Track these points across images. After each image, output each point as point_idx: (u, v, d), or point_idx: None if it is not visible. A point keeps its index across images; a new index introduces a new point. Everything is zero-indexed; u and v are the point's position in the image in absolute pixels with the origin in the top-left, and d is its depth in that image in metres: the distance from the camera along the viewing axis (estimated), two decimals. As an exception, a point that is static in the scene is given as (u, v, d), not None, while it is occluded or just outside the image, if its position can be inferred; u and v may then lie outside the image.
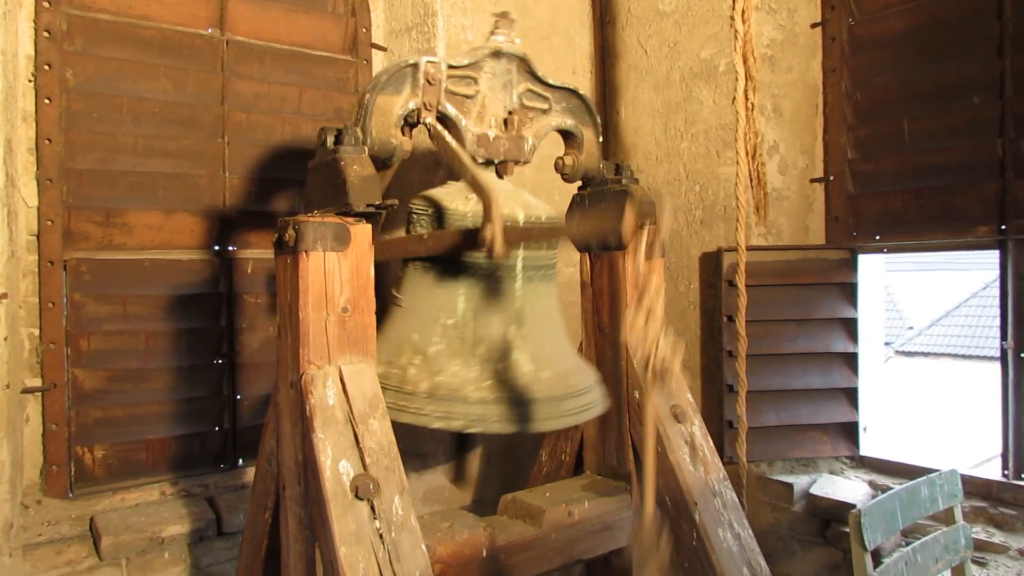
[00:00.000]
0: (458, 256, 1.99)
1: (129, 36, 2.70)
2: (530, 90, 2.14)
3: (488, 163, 2.08)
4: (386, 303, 2.04)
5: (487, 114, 2.07)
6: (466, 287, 2.03)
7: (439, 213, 2.05)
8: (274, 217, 2.53)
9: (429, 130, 1.93)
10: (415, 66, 1.90)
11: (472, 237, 1.84)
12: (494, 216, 1.76)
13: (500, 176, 2.13)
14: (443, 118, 1.98)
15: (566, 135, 2.25)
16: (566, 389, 2.05)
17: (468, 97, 2.03)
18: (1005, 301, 2.74)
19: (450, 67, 1.97)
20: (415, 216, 2.09)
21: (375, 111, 1.82)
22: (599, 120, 2.30)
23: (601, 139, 2.32)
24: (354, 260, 1.66)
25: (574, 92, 2.24)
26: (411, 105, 1.89)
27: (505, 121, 2.09)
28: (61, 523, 2.46)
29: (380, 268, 1.88)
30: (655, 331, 1.30)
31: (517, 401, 1.93)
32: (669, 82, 3.48)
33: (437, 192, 2.10)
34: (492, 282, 2.03)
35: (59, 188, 2.56)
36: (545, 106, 2.18)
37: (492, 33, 2.09)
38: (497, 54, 2.06)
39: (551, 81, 2.18)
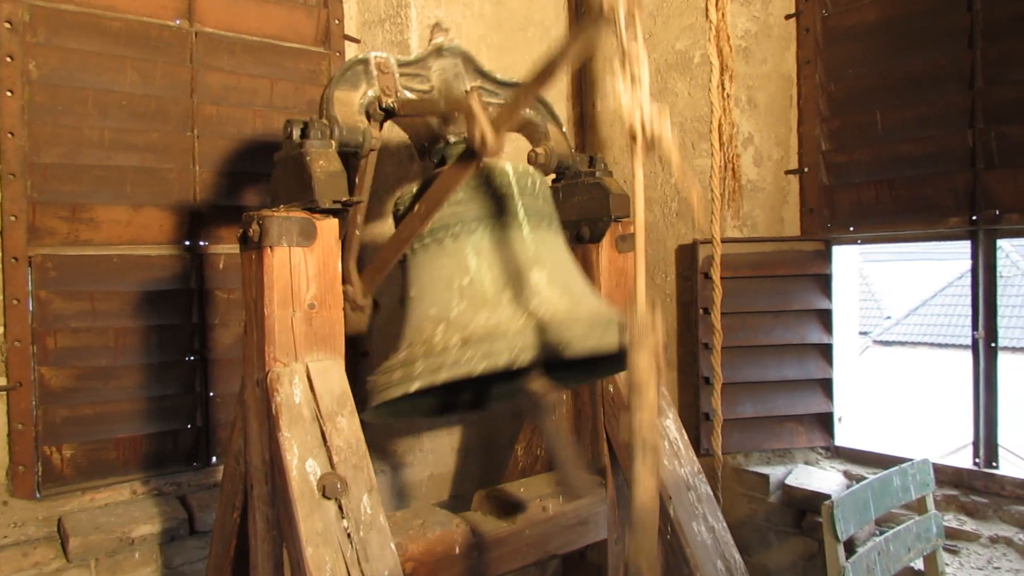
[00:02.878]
0: (457, 204, 1.86)
1: (94, 27, 2.64)
2: (482, 87, 2.16)
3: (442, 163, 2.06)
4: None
5: None
6: (473, 245, 1.86)
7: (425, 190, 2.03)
8: (246, 211, 2.49)
9: (395, 109, 1.94)
10: (365, 61, 1.95)
11: (463, 161, 1.70)
12: (476, 111, 1.62)
13: None
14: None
15: (530, 129, 2.23)
16: (610, 316, 1.83)
17: (425, 92, 2.05)
18: (976, 291, 2.76)
19: (400, 63, 2.01)
20: (400, 207, 2.04)
21: (336, 102, 1.82)
22: (553, 108, 2.32)
23: (564, 128, 2.31)
24: (321, 255, 1.63)
25: (515, 85, 2.23)
26: (370, 94, 1.91)
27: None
28: (28, 524, 2.41)
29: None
30: (640, 98, 1.19)
31: (561, 325, 1.70)
32: (644, 74, 3.45)
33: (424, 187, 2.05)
34: (499, 232, 1.87)
35: (23, 183, 2.51)
36: (500, 101, 2.19)
37: (430, 40, 2.14)
38: (439, 51, 2.10)
39: (499, 76, 2.21)
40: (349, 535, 1.48)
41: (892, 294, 20.00)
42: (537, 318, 1.69)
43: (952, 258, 17.86)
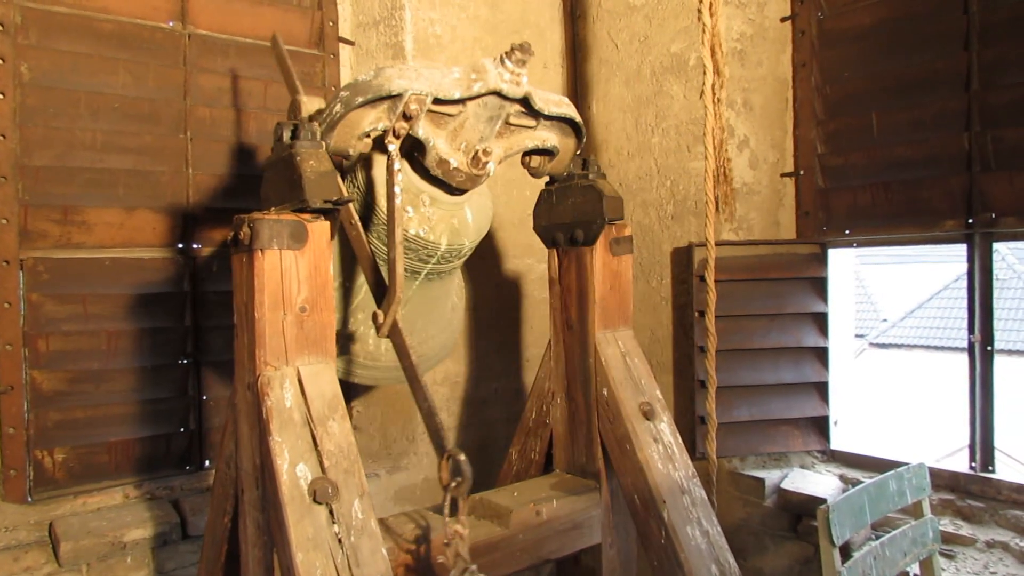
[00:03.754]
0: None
1: (86, 29, 2.64)
2: (522, 111, 1.98)
3: (436, 180, 1.99)
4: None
5: (460, 138, 1.90)
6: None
7: (370, 205, 2.03)
8: (240, 214, 2.48)
9: (387, 158, 1.79)
10: (397, 98, 1.71)
11: (379, 281, 1.96)
12: (389, 311, 1.84)
13: (451, 193, 2.05)
14: (410, 139, 1.85)
15: (543, 151, 2.14)
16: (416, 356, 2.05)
17: (449, 116, 1.87)
18: (972, 295, 2.76)
19: (436, 101, 1.77)
20: (353, 182, 2.05)
21: (341, 124, 1.70)
22: (584, 135, 2.17)
23: (580, 151, 2.20)
24: (312, 258, 1.62)
25: (569, 121, 2.08)
26: (380, 126, 1.75)
27: (474, 155, 1.94)
28: (19, 529, 2.40)
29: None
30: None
31: (366, 364, 2.32)
32: (640, 77, 3.46)
33: (378, 177, 1.99)
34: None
35: (14, 185, 2.50)
36: (533, 123, 2.04)
37: (501, 61, 1.82)
38: (499, 95, 1.84)
39: (547, 112, 1.99)
40: (340, 540, 1.47)
41: (888, 297, 20.01)
42: (357, 347, 2.29)
43: (948, 261, 17.87)
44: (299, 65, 3.10)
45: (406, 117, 1.74)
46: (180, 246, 2.80)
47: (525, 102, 1.91)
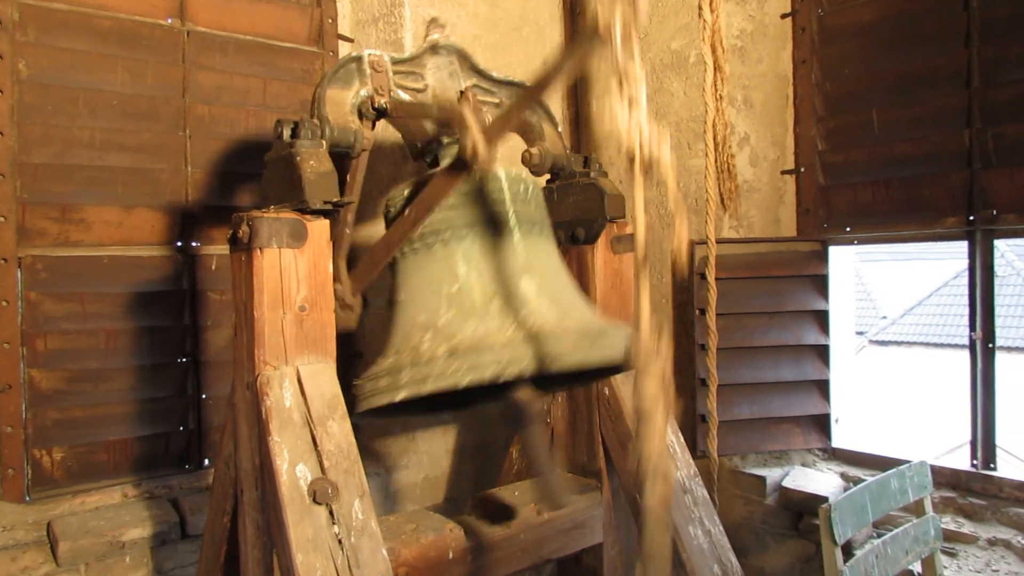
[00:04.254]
0: (448, 209, 1.84)
1: (85, 26, 2.62)
2: (477, 85, 2.13)
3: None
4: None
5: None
6: (463, 251, 1.84)
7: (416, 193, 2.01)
8: (239, 212, 2.48)
9: (388, 110, 1.91)
10: (358, 59, 1.91)
11: (454, 169, 1.69)
12: (468, 122, 1.61)
13: None
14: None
15: (525, 129, 2.21)
16: (600, 327, 1.83)
17: (419, 91, 2.02)
18: (973, 292, 2.75)
19: (394, 61, 1.98)
20: (391, 209, 2.02)
21: (328, 101, 1.80)
22: (551, 109, 2.29)
23: (560, 128, 2.29)
24: (311, 257, 1.61)
25: (521, 85, 2.20)
26: (363, 93, 1.88)
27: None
28: (17, 528, 2.39)
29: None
30: (639, 119, 1.16)
31: (549, 338, 1.68)
32: (640, 73, 3.44)
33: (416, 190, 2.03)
34: (490, 239, 1.85)
35: (12, 183, 2.48)
36: (496, 100, 2.16)
37: (426, 36, 2.10)
38: (435, 48, 2.07)
39: (495, 75, 2.18)
40: (340, 541, 1.46)
41: (888, 294, 20.02)
42: (525, 330, 1.68)
43: (948, 258, 17.88)
44: (298, 62, 3.09)
45: (376, 71, 1.92)
46: (179, 244, 2.78)
47: (463, 55, 2.13)
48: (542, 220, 2.01)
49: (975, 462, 2.74)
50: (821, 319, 3.14)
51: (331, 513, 1.48)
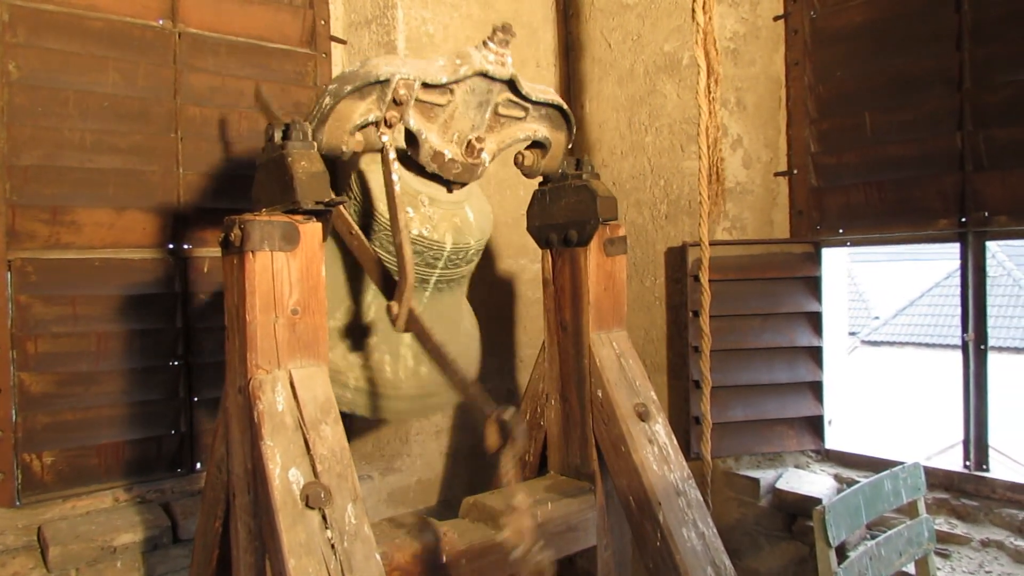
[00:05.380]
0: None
1: (75, 27, 2.60)
2: (510, 99, 2.00)
3: (435, 177, 2.00)
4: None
5: (451, 129, 1.93)
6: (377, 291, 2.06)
7: (369, 211, 2.01)
8: (232, 214, 2.46)
9: (382, 150, 1.82)
10: (385, 83, 1.73)
11: (387, 283, 1.91)
12: (404, 298, 1.80)
13: (449, 191, 2.05)
14: (404, 134, 1.88)
15: (536, 143, 2.15)
16: (434, 385, 2.16)
17: (439, 106, 1.88)
18: (966, 293, 2.76)
19: (424, 86, 1.80)
20: (349, 194, 2.06)
21: (332, 117, 1.70)
22: (575, 128, 2.20)
23: (571, 145, 2.23)
24: (304, 260, 1.60)
25: (557, 107, 2.10)
26: (371, 117, 1.76)
27: (468, 144, 1.96)
28: (6, 533, 2.37)
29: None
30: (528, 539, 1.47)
31: (387, 394, 2.13)
32: (633, 76, 3.45)
33: (374, 183, 2.02)
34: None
35: (1, 185, 2.47)
36: (521, 114, 2.05)
37: (484, 44, 1.87)
38: (485, 76, 1.88)
39: (534, 97, 2.03)
40: (333, 546, 1.45)
41: (879, 294, 20.09)
42: (378, 378, 2.10)
43: (939, 258, 17.96)
44: (291, 64, 3.08)
45: (396, 103, 1.76)
46: (171, 246, 2.77)
47: (512, 85, 1.95)
48: (464, 273, 2.26)
49: (968, 463, 2.75)
50: (814, 321, 3.15)
51: (324, 517, 1.47)
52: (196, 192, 2.82)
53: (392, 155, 1.80)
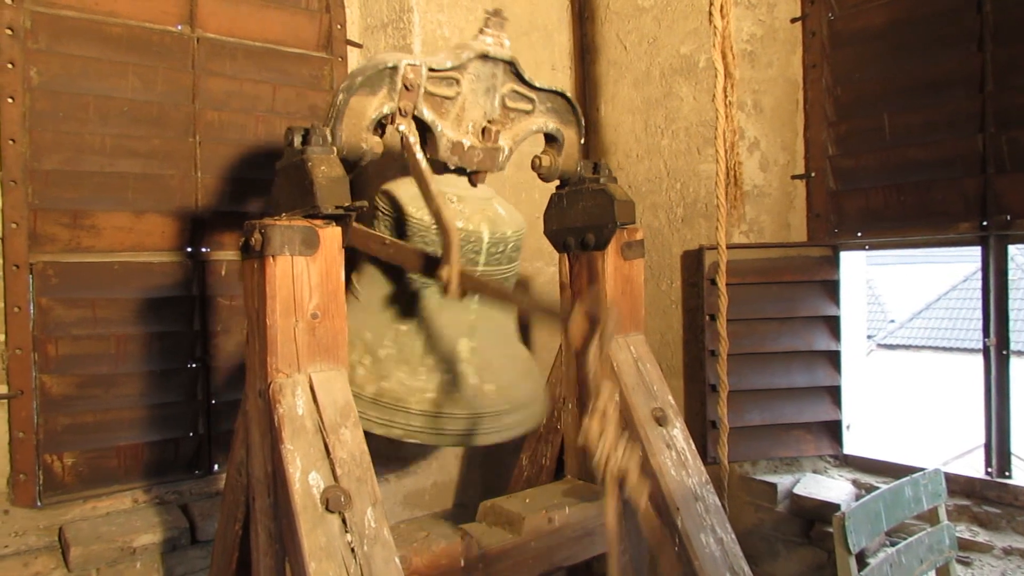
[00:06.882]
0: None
1: (95, 33, 2.63)
2: (515, 91, 2.07)
3: (460, 170, 2.02)
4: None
5: (465, 119, 1.98)
6: (423, 297, 2.03)
7: (401, 218, 2.01)
8: (248, 218, 2.48)
9: (401, 138, 1.85)
10: (394, 69, 1.80)
11: (432, 263, 1.85)
12: (453, 259, 1.76)
13: (473, 184, 2.08)
14: (417, 122, 1.91)
15: (547, 137, 2.20)
16: (507, 403, 2.09)
17: (448, 99, 1.94)
18: (987, 297, 2.73)
19: (431, 70, 1.88)
20: (378, 213, 2.05)
21: (347, 113, 1.74)
22: (583, 121, 2.25)
23: (583, 140, 2.27)
24: (324, 264, 1.60)
25: (560, 94, 2.17)
26: (385, 109, 1.81)
27: (483, 129, 2.02)
28: (28, 534, 2.39)
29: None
30: (611, 436, 1.36)
31: (457, 416, 1.99)
32: (649, 78, 3.44)
33: (401, 192, 2.04)
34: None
35: (24, 189, 2.49)
36: (528, 107, 2.11)
37: (480, 32, 1.98)
38: (484, 57, 1.97)
39: (537, 84, 2.11)
40: (353, 549, 1.45)
41: (895, 297, 19.92)
42: (443, 400, 1.97)
43: (956, 261, 17.79)
44: (307, 68, 3.09)
45: (407, 89, 1.82)
46: (189, 250, 2.79)
47: (512, 67, 2.03)
48: (509, 274, 2.20)
49: (990, 470, 2.71)
50: (832, 325, 3.12)
51: (344, 521, 1.47)
52: (214, 196, 2.84)
53: (413, 139, 1.84)
